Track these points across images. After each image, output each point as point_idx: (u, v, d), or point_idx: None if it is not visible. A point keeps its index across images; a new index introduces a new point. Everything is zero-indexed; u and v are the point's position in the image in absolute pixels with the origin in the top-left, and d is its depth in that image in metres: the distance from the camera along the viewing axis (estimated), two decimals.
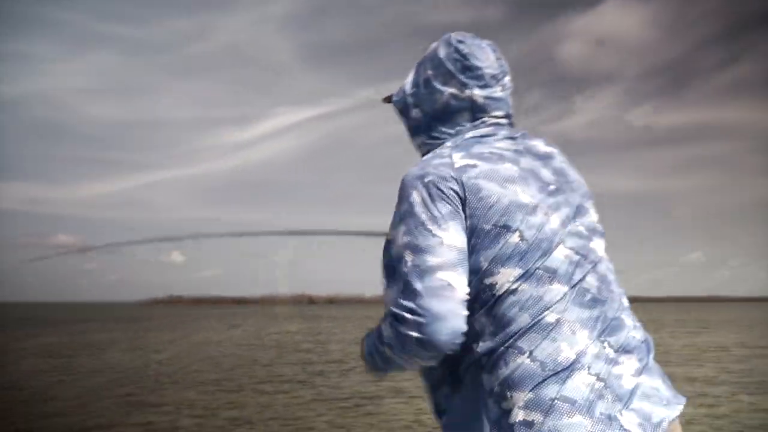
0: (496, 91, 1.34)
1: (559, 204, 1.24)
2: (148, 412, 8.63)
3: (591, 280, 1.20)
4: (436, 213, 1.16)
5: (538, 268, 1.15)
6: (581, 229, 1.25)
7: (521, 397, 1.09)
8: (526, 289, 1.14)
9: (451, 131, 1.33)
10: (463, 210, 1.17)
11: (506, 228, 1.16)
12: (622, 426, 1.08)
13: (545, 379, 1.10)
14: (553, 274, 1.16)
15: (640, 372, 1.16)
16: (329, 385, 11.27)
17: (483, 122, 1.33)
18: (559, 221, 1.21)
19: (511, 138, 1.31)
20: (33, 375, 12.82)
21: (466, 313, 1.13)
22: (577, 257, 1.20)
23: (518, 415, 1.09)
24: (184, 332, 29.89)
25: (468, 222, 1.17)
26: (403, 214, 1.20)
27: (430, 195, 1.18)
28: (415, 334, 1.11)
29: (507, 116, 1.37)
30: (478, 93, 1.32)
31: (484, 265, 1.16)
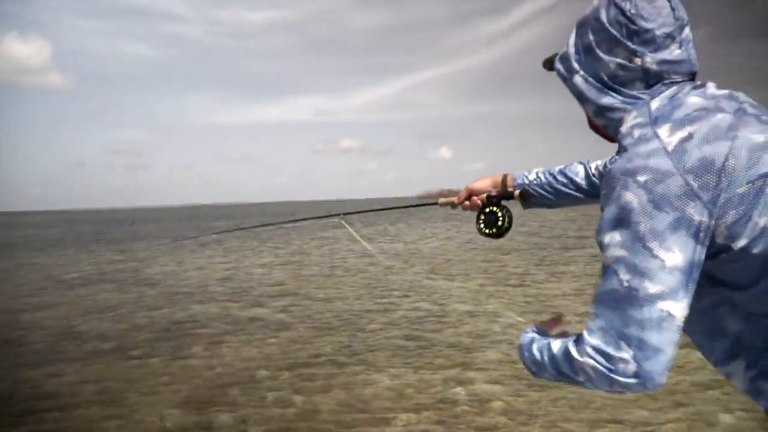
0: (673, 52, 1.14)
1: None
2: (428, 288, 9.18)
3: None
4: (658, 225, 1.01)
5: None
6: None
7: None
8: None
9: (627, 103, 1.17)
10: (698, 199, 1.01)
11: (764, 176, 1.01)
12: None
13: None
14: None
15: None
16: None
17: (665, 86, 1.15)
18: None
19: (697, 89, 1.15)
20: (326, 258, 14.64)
21: (678, 339, 1.04)
22: None
23: None
24: (453, 223, 31.32)
25: (710, 204, 1.01)
26: (616, 220, 1.04)
27: (650, 200, 1.01)
28: (626, 380, 1.03)
29: (690, 74, 1.18)
30: (650, 60, 1.14)
31: (765, 222, 1.01)
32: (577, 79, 1.22)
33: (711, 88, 1.15)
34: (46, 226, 54.72)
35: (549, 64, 1.34)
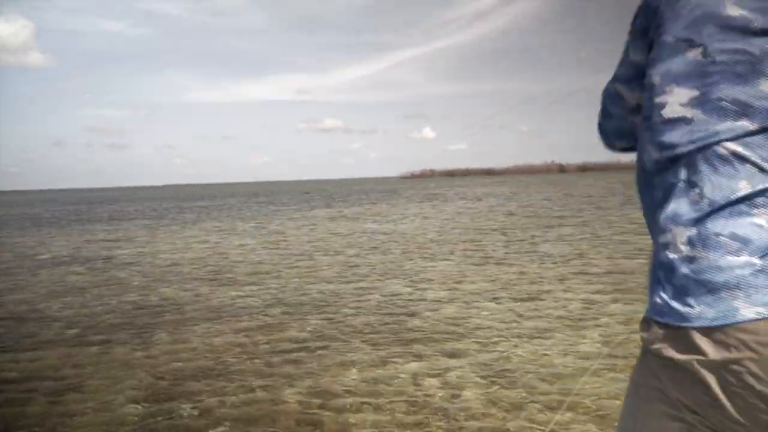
0: None
1: None
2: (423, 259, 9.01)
3: None
4: (634, 27, 1.16)
5: (723, 98, 0.98)
6: None
7: (683, 232, 1.01)
8: (700, 116, 1.00)
9: None
10: (654, 22, 1.09)
11: (688, 41, 1.03)
12: None
13: (711, 213, 0.98)
14: (744, 108, 0.97)
15: None
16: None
17: None
18: None
19: None
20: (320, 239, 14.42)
21: (630, 119, 1.25)
22: None
23: (679, 251, 1.00)
24: (435, 203, 31.23)
25: (654, 33, 1.09)
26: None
27: (639, 6, 1.15)
28: (600, 132, 1.38)
29: None
30: None
31: (657, 80, 1.07)
32: None
33: None
34: (26, 206, 53.81)
35: None
